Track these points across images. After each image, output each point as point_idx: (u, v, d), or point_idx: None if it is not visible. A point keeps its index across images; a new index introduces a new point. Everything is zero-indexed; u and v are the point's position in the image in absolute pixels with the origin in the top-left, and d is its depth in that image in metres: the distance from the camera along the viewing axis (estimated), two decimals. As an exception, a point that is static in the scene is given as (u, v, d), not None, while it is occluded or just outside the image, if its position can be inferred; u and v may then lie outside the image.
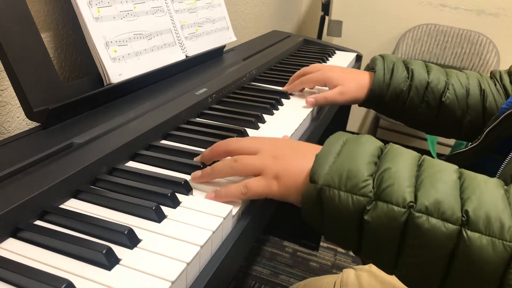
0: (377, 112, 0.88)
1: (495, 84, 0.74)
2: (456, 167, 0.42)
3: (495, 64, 1.88)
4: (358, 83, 0.77)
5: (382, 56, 0.79)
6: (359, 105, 0.81)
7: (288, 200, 0.47)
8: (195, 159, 0.52)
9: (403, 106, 0.76)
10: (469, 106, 0.72)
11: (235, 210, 0.46)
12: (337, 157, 0.43)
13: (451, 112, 0.73)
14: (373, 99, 0.76)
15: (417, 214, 0.38)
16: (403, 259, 0.40)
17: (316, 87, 0.83)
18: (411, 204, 0.38)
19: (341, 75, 0.77)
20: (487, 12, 1.91)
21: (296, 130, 0.66)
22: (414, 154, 0.44)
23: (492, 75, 0.77)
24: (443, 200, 0.38)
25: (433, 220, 0.37)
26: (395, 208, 0.39)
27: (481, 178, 0.41)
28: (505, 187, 0.40)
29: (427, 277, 0.39)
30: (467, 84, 0.73)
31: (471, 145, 0.66)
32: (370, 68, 0.80)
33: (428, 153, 1.88)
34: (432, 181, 0.40)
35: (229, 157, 0.49)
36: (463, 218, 0.37)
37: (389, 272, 0.42)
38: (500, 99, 0.72)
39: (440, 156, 0.78)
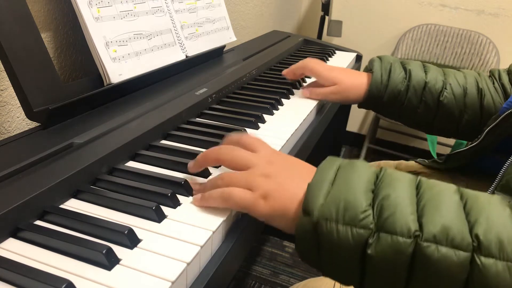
0: (376, 113, 0.89)
1: (493, 83, 0.74)
2: (455, 187, 0.40)
3: (495, 64, 1.88)
4: (354, 83, 0.78)
5: (379, 57, 0.80)
6: (358, 107, 0.81)
7: (272, 223, 0.44)
8: (188, 164, 0.50)
9: (401, 107, 0.76)
10: (467, 105, 0.73)
11: (235, 210, 0.46)
12: (332, 186, 0.40)
13: (449, 111, 0.73)
14: (371, 100, 0.77)
15: (425, 244, 0.35)
16: None
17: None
18: (417, 233, 0.36)
19: (338, 75, 0.78)
20: (487, 12, 1.91)
21: (296, 130, 0.66)
22: (410, 176, 0.42)
23: (491, 74, 0.77)
24: (450, 226, 0.35)
25: (443, 249, 0.35)
26: (400, 239, 0.36)
27: (483, 197, 0.39)
28: (509, 202, 0.38)
29: None
30: (465, 83, 0.74)
31: (471, 144, 0.66)
32: (368, 69, 0.80)
33: (428, 153, 1.88)
34: (435, 204, 0.37)
35: (216, 176, 0.46)
36: (474, 244, 0.34)
37: None
38: (498, 98, 0.72)
39: (440, 155, 0.78)
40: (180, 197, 0.46)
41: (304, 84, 0.89)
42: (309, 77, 0.94)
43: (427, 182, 0.41)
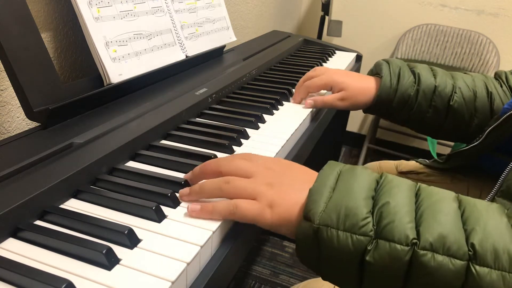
0: (382, 118, 0.85)
1: (501, 86, 0.73)
2: (454, 194, 0.41)
3: (495, 64, 1.88)
4: (362, 88, 0.75)
5: (387, 61, 0.77)
6: (364, 112, 0.79)
7: (279, 231, 0.44)
8: (184, 176, 0.49)
9: (410, 112, 0.74)
10: (477, 109, 0.71)
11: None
12: (333, 193, 0.41)
13: (459, 115, 0.71)
14: (380, 105, 0.74)
15: (421, 252, 0.36)
16: None
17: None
18: (414, 241, 0.36)
19: (346, 79, 0.75)
20: (487, 12, 1.91)
21: (296, 130, 0.66)
22: (410, 183, 0.42)
23: (498, 76, 0.75)
24: (447, 234, 0.36)
25: (439, 257, 0.35)
26: (398, 246, 0.36)
27: (481, 205, 0.39)
28: (506, 211, 0.39)
29: None
30: (474, 86, 0.72)
31: (471, 144, 0.66)
32: (374, 73, 0.78)
33: (428, 153, 1.88)
34: (433, 213, 0.38)
35: (220, 178, 0.45)
36: (470, 252, 0.35)
37: None
38: (507, 100, 0.71)
39: (440, 155, 0.78)
40: (180, 197, 0.46)
41: None
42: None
43: (426, 190, 0.41)
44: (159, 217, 0.42)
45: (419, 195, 0.40)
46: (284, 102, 0.78)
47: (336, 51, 1.22)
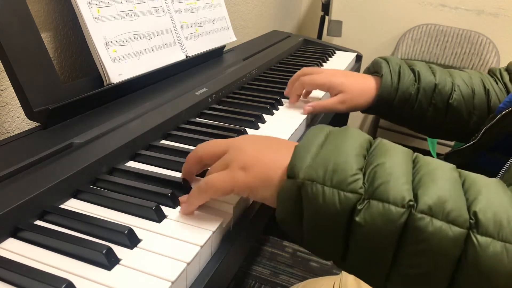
0: (382, 118, 0.83)
1: (497, 83, 0.73)
2: (453, 165, 0.38)
3: (495, 64, 1.88)
4: (362, 89, 0.73)
5: (385, 59, 0.75)
6: (362, 112, 0.77)
7: (256, 195, 0.41)
8: (181, 175, 0.49)
9: (411, 111, 0.72)
10: (475, 107, 0.71)
11: (235, 210, 0.45)
12: (321, 149, 0.38)
13: (458, 113, 0.71)
14: (381, 105, 0.72)
15: (419, 215, 0.33)
16: (399, 269, 0.34)
17: (311, 94, 0.79)
18: (411, 203, 0.33)
19: (345, 80, 0.73)
20: (487, 12, 1.91)
21: (296, 129, 0.66)
22: (407, 149, 0.40)
23: (492, 73, 0.75)
24: (447, 199, 0.33)
25: (438, 223, 0.32)
26: (392, 208, 0.33)
27: (482, 177, 0.37)
28: (508, 187, 0.37)
29: None
30: (472, 84, 0.72)
31: (468, 143, 0.66)
32: (372, 71, 0.77)
33: (428, 153, 1.88)
34: (432, 178, 0.35)
35: (199, 182, 0.43)
36: (471, 220, 0.32)
37: (379, 287, 0.37)
38: (503, 98, 0.70)
39: (440, 155, 0.78)
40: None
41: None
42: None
43: (423, 158, 0.39)
44: (159, 217, 0.42)
45: (416, 162, 0.38)
46: (284, 102, 0.78)
47: (336, 51, 1.22)
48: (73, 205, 0.44)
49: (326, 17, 1.81)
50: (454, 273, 0.33)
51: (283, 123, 0.68)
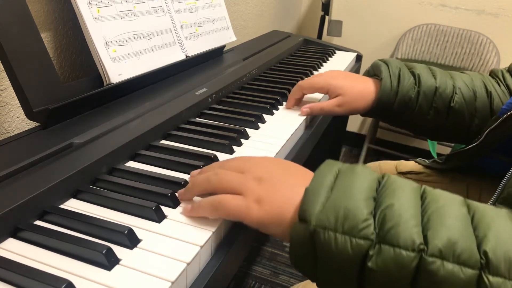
0: (381, 121, 0.81)
1: (499, 85, 0.72)
2: (462, 198, 0.38)
3: (495, 64, 1.88)
4: (361, 92, 0.72)
5: (385, 62, 0.74)
6: (361, 115, 0.76)
7: (267, 230, 0.41)
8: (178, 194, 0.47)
9: (411, 114, 0.71)
10: (477, 109, 0.69)
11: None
12: (331, 192, 0.38)
13: (460, 116, 0.70)
14: (380, 108, 0.71)
15: (430, 259, 0.33)
16: None
17: (307, 96, 0.77)
18: (421, 247, 0.34)
19: (344, 83, 0.71)
20: (487, 12, 1.91)
21: (296, 129, 0.66)
22: (415, 185, 0.40)
23: (494, 75, 0.74)
24: (457, 240, 0.33)
25: (449, 266, 0.33)
26: (403, 252, 0.34)
27: (491, 211, 0.36)
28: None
29: None
30: (473, 86, 0.70)
31: (471, 145, 0.66)
32: (372, 74, 0.76)
33: (428, 153, 1.88)
34: (440, 217, 0.35)
35: (211, 171, 0.45)
36: (482, 261, 0.32)
37: None
38: (506, 99, 0.70)
39: (440, 155, 0.78)
40: (180, 197, 0.46)
41: (316, 73, 0.82)
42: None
43: (432, 193, 0.38)
44: (159, 217, 0.42)
45: (424, 198, 0.38)
46: (284, 102, 0.77)
47: (336, 51, 1.22)
48: (73, 205, 0.44)
49: (326, 17, 1.81)
50: None
51: (283, 123, 0.68)
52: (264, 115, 0.69)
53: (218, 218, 0.43)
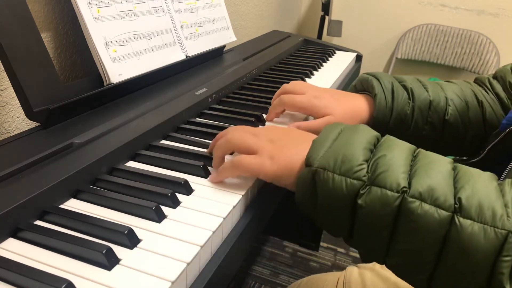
0: None
1: (487, 93, 0.69)
2: (450, 159, 0.43)
3: (495, 64, 1.88)
4: (353, 111, 0.66)
5: (374, 76, 0.68)
6: None
7: (280, 182, 0.48)
8: (207, 150, 0.55)
9: (407, 131, 0.67)
10: (471, 120, 0.67)
11: (235, 210, 0.46)
12: (333, 143, 0.44)
13: (455, 129, 0.67)
14: (375, 127, 0.64)
15: (410, 199, 0.38)
16: (395, 246, 0.40)
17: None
18: (404, 189, 0.39)
19: (331, 103, 0.65)
20: (487, 12, 1.91)
21: (296, 130, 0.66)
22: (410, 145, 0.45)
23: (481, 82, 0.71)
24: (436, 187, 0.38)
25: (426, 206, 0.38)
26: (389, 192, 0.39)
27: (474, 170, 0.41)
28: (498, 181, 0.40)
29: (418, 265, 0.39)
30: (464, 96, 0.68)
31: (472, 159, 0.64)
32: (360, 89, 0.70)
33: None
34: (426, 169, 0.40)
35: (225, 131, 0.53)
36: (456, 205, 0.38)
37: (380, 261, 0.43)
38: (497, 108, 0.68)
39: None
40: (180, 196, 0.46)
41: (308, 80, 0.77)
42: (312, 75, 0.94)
43: (424, 152, 0.44)
44: (159, 217, 0.42)
45: (416, 155, 0.43)
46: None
47: (336, 51, 1.22)
48: (73, 205, 0.44)
49: (326, 17, 1.81)
50: (440, 249, 0.38)
51: (283, 123, 0.68)
52: (264, 115, 0.69)
53: (218, 218, 0.43)
